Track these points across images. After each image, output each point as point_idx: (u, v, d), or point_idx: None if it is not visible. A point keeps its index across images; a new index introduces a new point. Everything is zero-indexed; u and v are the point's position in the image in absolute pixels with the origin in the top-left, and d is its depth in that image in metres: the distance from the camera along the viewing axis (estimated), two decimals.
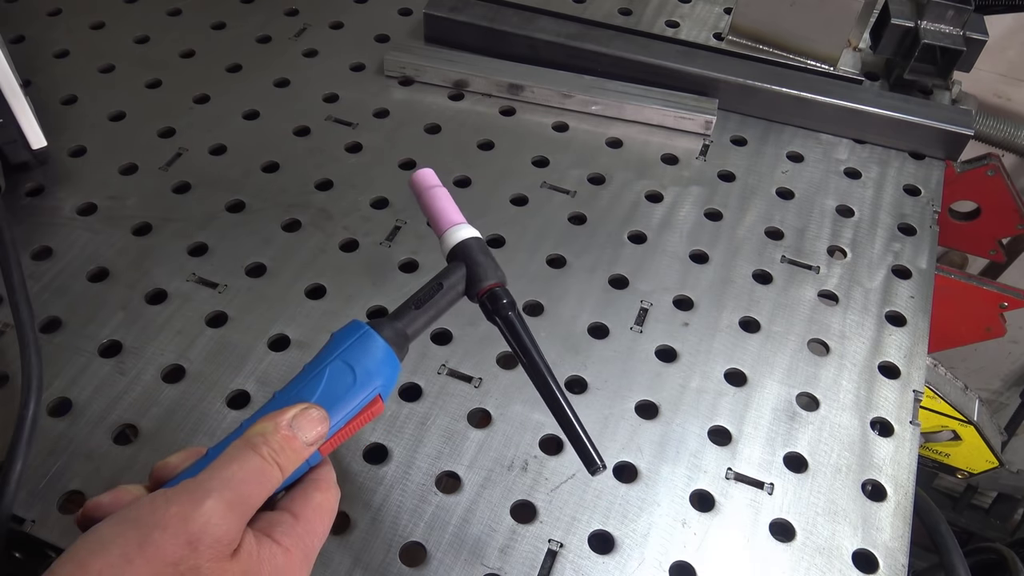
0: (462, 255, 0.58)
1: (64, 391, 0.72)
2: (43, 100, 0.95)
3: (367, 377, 0.51)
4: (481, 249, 0.58)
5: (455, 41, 1.06)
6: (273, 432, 0.48)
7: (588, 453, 0.54)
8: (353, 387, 0.50)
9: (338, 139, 0.96)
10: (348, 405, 0.51)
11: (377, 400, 0.51)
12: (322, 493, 0.50)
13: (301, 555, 0.48)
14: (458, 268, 0.57)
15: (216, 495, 0.44)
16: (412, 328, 0.55)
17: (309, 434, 0.49)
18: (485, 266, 0.57)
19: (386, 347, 0.52)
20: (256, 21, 1.10)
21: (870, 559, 0.67)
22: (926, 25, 1.00)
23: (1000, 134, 1.44)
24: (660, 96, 1.00)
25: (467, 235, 0.59)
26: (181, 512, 0.43)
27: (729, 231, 0.90)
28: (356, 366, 0.51)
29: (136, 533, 0.42)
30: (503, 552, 0.65)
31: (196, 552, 0.42)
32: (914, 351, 0.81)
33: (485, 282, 0.57)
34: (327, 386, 0.50)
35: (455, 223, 0.60)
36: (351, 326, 0.53)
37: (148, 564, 0.41)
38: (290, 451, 0.48)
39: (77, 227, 0.85)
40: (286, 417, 0.49)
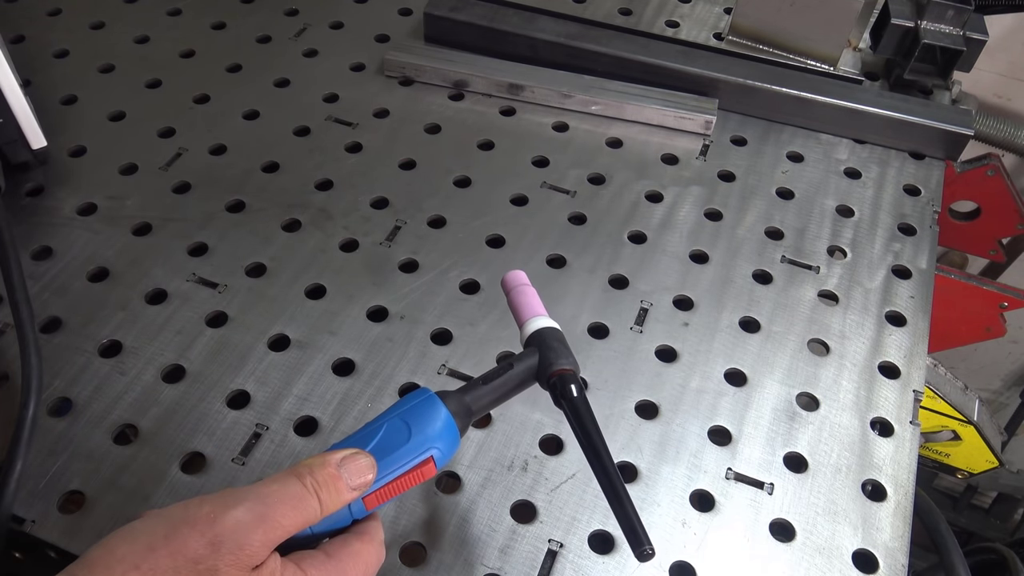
0: (537, 341, 0.58)
1: (64, 391, 0.72)
2: (43, 100, 0.95)
3: (422, 438, 0.51)
4: (556, 337, 0.59)
5: (455, 41, 1.06)
6: (320, 467, 0.48)
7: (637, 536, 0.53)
8: (406, 444, 0.51)
9: (338, 139, 0.96)
10: (398, 461, 0.51)
11: (429, 461, 0.52)
12: (362, 543, 0.50)
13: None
14: (531, 352, 0.58)
15: (248, 505, 0.45)
16: (477, 403, 0.56)
17: (355, 479, 0.49)
18: (557, 351, 0.57)
19: (447, 415, 0.53)
20: (256, 21, 1.10)
21: (870, 559, 0.67)
22: (926, 25, 1.00)
23: (1000, 134, 1.44)
24: (660, 96, 1.00)
25: (545, 324, 0.59)
26: (211, 513, 0.44)
27: (729, 231, 0.90)
28: (413, 425, 0.52)
29: (165, 526, 0.43)
30: (503, 552, 0.65)
31: (217, 553, 0.43)
32: (914, 351, 0.81)
33: (555, 366, 0.57)
34: (382, 439, 0.51)
35: (536, 314, 0.60)
36: (418, 390, 0.54)
37: (170, 556, 0.42)
38: (333, 489, 0.48)
39: (77, 227, 0.85)
40: (335, 457, 0.49)
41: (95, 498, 0.66)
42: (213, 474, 0.68)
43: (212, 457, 0.69)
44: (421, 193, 0.91)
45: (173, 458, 0.68)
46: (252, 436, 0.70)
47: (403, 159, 0.94)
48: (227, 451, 0.69)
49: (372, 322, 0.79)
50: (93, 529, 0.64)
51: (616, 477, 0.54)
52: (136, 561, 0.42)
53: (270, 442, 0.70)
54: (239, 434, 0.70)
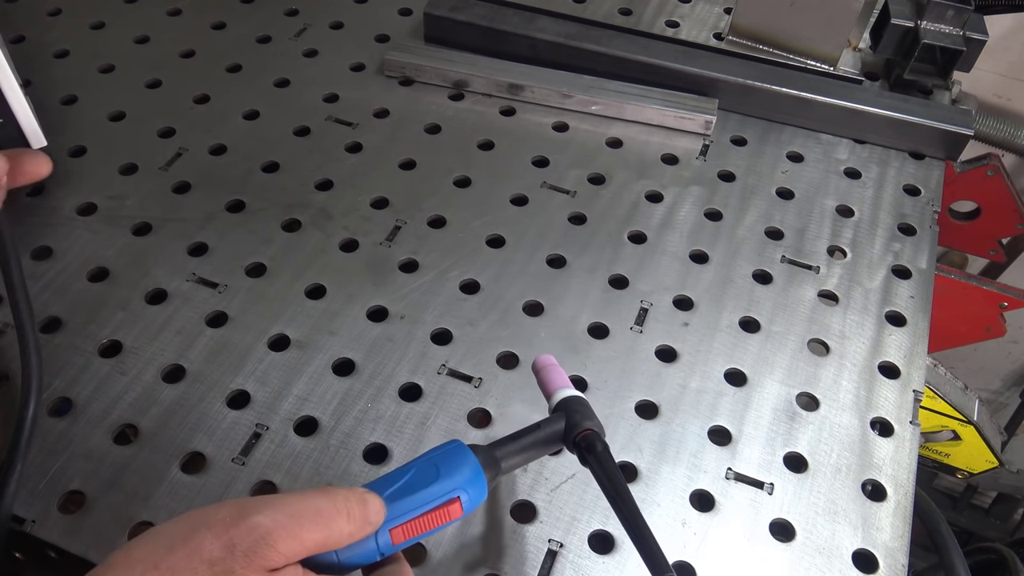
0: (563, 407, 0.61)
1: (64, 391, 0.72)
2: (43, 100, 0.95)
3: (449, 481, 0.53)
4: (581, 403, 0.61)
5: (455, 41, 1.06)
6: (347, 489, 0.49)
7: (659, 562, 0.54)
8: (435, 484, 0.53)
9: (338, 139, 0.96)
10: (425, 498, 0.52)
11: (455, 502, 0.53)
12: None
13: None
14: (559, 417, 0.61)
15: (269, 512, 0.45)
16: (505, 458, 0.58)
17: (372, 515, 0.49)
18: (583, 414, 0.60)
19: (475, 462, 0.54)
20: (256, 21, 1.10)
21: (870, 559, 0.67)
22: (926, 25, 1.00)
23: (1000, 134, 1.44)
24: (660, 96, 1.00)
25: (571, 394, 0.62)
26: (230, 516, 0.44)
27: (729, 231, 0.90)
28: (442, 468, 0.54)
29: (185, 528, 0.44)
30: (503, 552, 0.65)
31: (232, 555, 0.43)
32: (914, 351, 0.81)
33: (581, 427, 0.59)
34: (410, 479, 0.53)
35: (564, 386, 0.63)
36: (449, 441, 0.56)
37: (187, 557, 0.43)
38: (360, 510, 0.48)
39: (77, 227, 0.85)
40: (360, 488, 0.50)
41: (95, 498, 0.66)
42: (213, 474, 0.68)
43: (212, 457, 0.69)
44: (421, 193, 0.91)
45: (173, 458, 0.68)
46: (252, 436, 0.70)
47: (403, 159, 0.94)
48: (227, 451, 0.69)
49: (372, 322, 0.79)
50: (93, 529, 0.64)
51: (648, 531, 0.56)
52: (155, 561, 0.43)
53: (270, 442, 0.70)
54: (239, 434, 0.70)
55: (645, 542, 0.55)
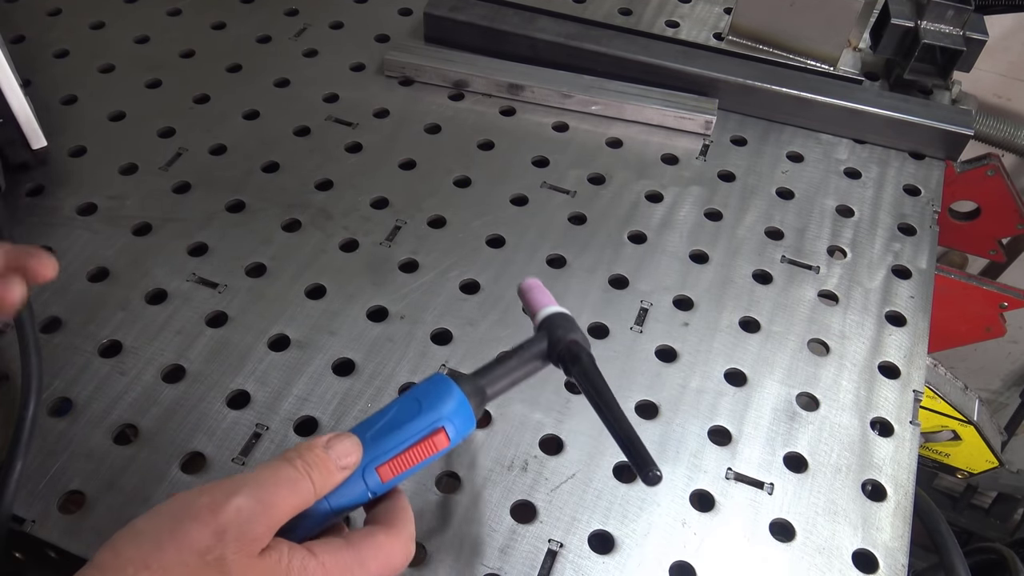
0: (547, 324, 0.60)
1: (64, 391, 0.72)
2: (43, 100, 0.95)
3: (432, 412, 0.52)
4: (565, 319, 0.60)
5: (455, 41, 1.06)
6: (307, 450, 0.49)
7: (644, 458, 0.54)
8: (416, 418, 0.52)
9: (338, 139, 0.96)
10: (408, 432, 0.52)
11: (440, 433, 0.52)
12: (387, 537, 0.50)
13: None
14: (542, 335, 0.60)
15: (246, 491, 0.45)
16: (491, 385, 0.57)
17: (341, 457, 0.50)
18: (566, 328, 0.59)
19: (458, 392, 0.54)
20: (256, 21, 1.10)
21: (870, 559, 0.67)
22: (926, 25, 1.00)
23: (1000, 134, 1.44)
24: (660, 96, 1.00)
25: (554, 311, 0.61)
26: (212, 503, 0.44)
27: (729, 231, 0.90)
28: (424, 402, 0.53)
29: (169, 522, 0.44)
30: (503, 552, 0.65)
31: (222, 542, 0.44)
32: (914, 351, 0.81)
33: (564, 341, 0.59)
34: (392, 417, 0.53)
35: (547, 304, 0.62)
36: (432, 376, 0.55)
37: (177, 551, 0.43)
38: (323, 469, 0.49)
39: (77, 227, 0.85)
40: (321, 440, 0.50)
41: (95, 498, 0.66)
42: (213, 474, 0.68)
43: (212, 457, 0.69)
44: (421, 193, 0.91)
45: (173, 458, 0.68)
46: (252, 436, 0.70)
47: (403, 159, 0.94)
48: (227, 451, 0.69)
49: (372, 322, 0.79)
50: (93, 529, 0.64)
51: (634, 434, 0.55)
52: (145, 560, 0.42)
53: (270, 442, 0.70)
54: (239, 434, 0.70)
55: (632, 444, 0.55)
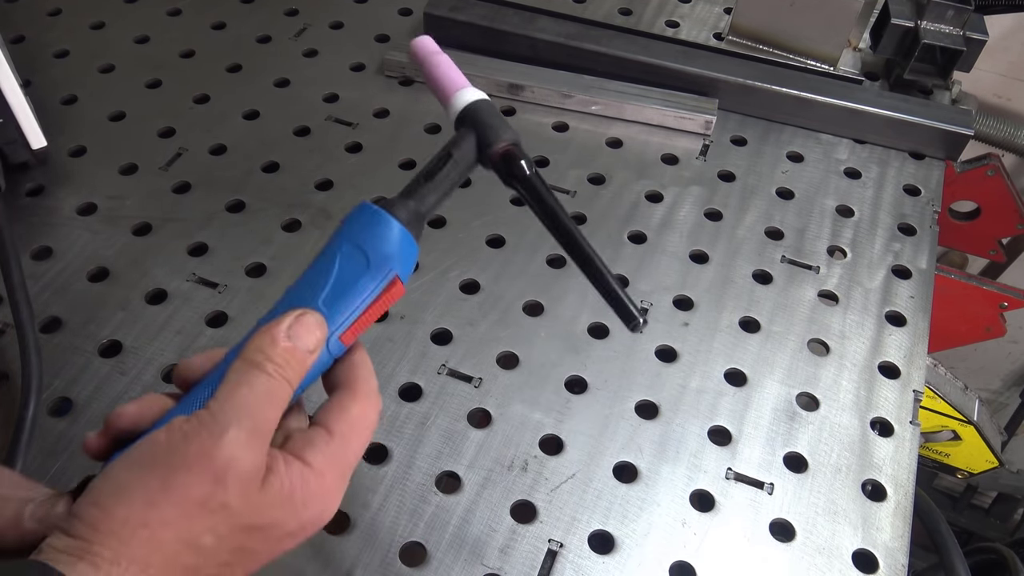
0: (470, 120, 0.53)
1: (64, 391, 0.72)
2: (43, 100, 0.95)
3: (382, 261, 0.48)
4: (490, 111, 0.54)
5: (455, 41, 1.06)
6: (272, 346, 0.45)
7: (626, 308, 0.52)
8: (367, 272, 0.47)
9: (338, 139, 0.96)
10: (364, 291, 0.47)
11: (396, 282, 0.48)
12: (359, 405, 0.47)
13: (335, 476, 0.45)
14: (468, 134, 0.53)
15: (235, 426, 0.41)
16: (425, 205, 0.51)
17: (308, 341, 0.46)
18: (496, 127, 0.53)
19: (400, 228, 0.49)
20: (256, 21, 1.10)
21: (870, 559, 0.67)
22: (926, 25, 1.00)
23: (1000, 134, 1.44)
24: (660, 96, 1.00)
25: (474, 97, 0.54)
26: (202, 449, 0.41)
27: (729, 231, 0.90)
28: (369, 250, 0.48)
29: (157, 476, 0.40)
30: (503, 552, 0.65)
31: (224, 488, 0.40)
32: (914, 351, 0.81)
33: (497, 144, 0.52)
34: (339, 274, 0.47)
35: (460, 87, 0.55)
36: (360, 209, 0.50)
37: (175, 506, 0.40)
38: (294, 362, 0.45)
39: (77, 227, 0.85)
40: (282, 328, 0.46)
41: None
42: None
43: None
44: None
45: None
46: None
47: (403, 159, 0.94)
48: None
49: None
50: None
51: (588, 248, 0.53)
52: (142, 519, 0.39)
53: None
54: None
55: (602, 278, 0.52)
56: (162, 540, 0.39)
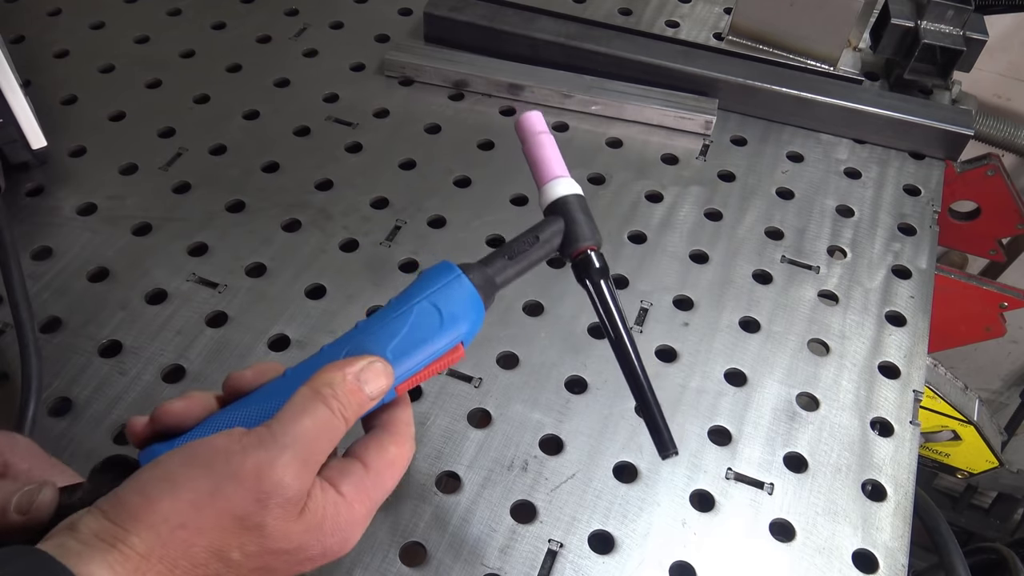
0: (561, 211, 0.55)
1: (64, 391, 0.72)
2: (43, 100, 0.95)
3: (453, 322, 0.49)
4: (581, 207, 0.56)
5: (455, 41, 1.06)
6: (341, 384, 0.46)
7: (661, 435, 0.53)
8: (439, 331, 0.49)
9: (338, 139, 0.96)
10: (430, 348, 0.49)
11: (459, 348, 0.50)
12: (398, 447, 0.49)
13: (364, 509, 0.46)
14: (555, 222, 0.55)
15: (291, 452, 0.42)
16: (502, 278, 0.54)
17: (374, 389, 0.47)
18: (583, 225, 0.55)
19: (475, 294, 0.51)
20: (256, 21, 1.10)
21: (870, 559, 0.67)
22: (926, 25, 1.00)
23: (1000, 134, 1.44)
24: (660, 96, 1.00)
25: (569, 191, 0.56)
26: (256, 467, 0.41)
27: (729, 231, 0.90)
28: (444, 310, 0.50)
29: (208, 481, 0.41)
30: (503, 552, 0.65)
31: (264, 509, 0.41)
32: (914, 351, 0.81)
33: (581, 243, 0.55)
34: (412, 326, 0.49)
35: (557, 175, 0.57)
36: (442, 267, 0.52)
37: (216, 516, 0.40)
38: (356, 404, 0.47)
39: (77, 227, 0.85)
40: (354, 370, 0.47)
41: None
42: None
43: None
44: (421, 193, 0.91)
45: None
46: None
47: (403, 159, 0.94)
48: None
49: None
50: None
51: (640, 368, 0.53)
52: (182, 519, 0.40)
53: None
54: None
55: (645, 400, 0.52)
56: (194, 545, 0.40)
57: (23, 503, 0.43)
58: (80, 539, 0.39)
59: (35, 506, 0.43)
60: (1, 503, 0.43)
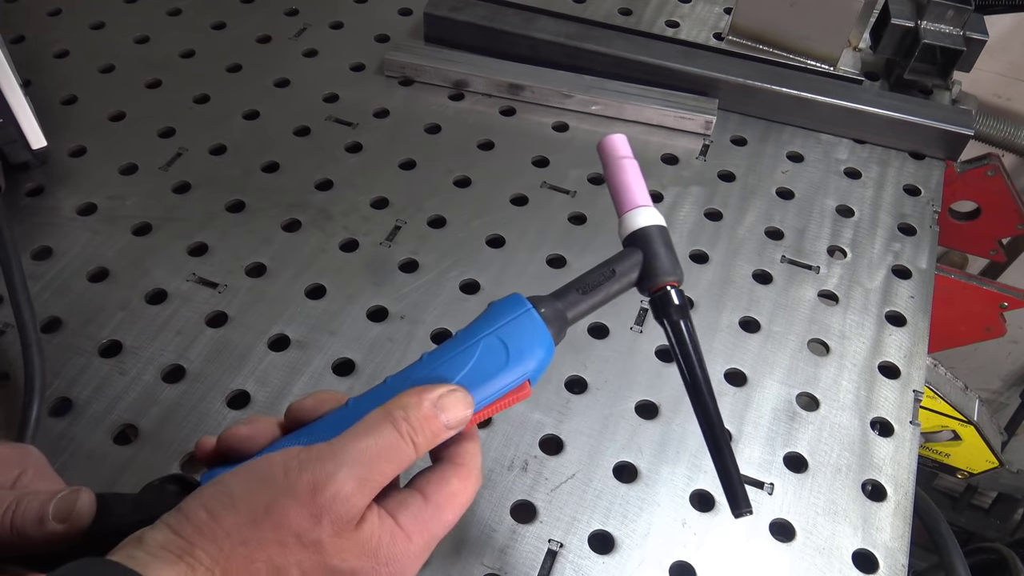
0: (641, 243, 0.53)
1: (64, 391, 0.72)
2: (43, 100, 0.95)
3: (520, 359, 0.48)
4: (663, 239, 0.53)
5: (455, 41, 1.06)
6: (415, 408, 0.45)
7: (737, 494, 0.50)
8: (505, 367, 0.48)
9: (338, 139, 0.96)
10: (495, 385, 0.48)
11: (525, 385, 0.48)
12: (461, 481, 0.48)
13: (422, 543, 0.45)
14: (633, 255, 0.53)
15: (348, 469, 0.42)
16: (573, 313, 0.51)
17: (452, 418, 0.46)
18: (664, 259, 0.52)
19: (545, 331, 0.49)
20: (256, 21, 1.10)
21: (870, 559, 0.67)
22: (926, 25, 1.00)
23: (1000, 134, 1.44)
24: (660, 96, 1.00)
25: (650, 221, 0.53)
26: (312, 481, 0.42)
27: (729, 231, 0.90)
28: (511, 345, 0.48)
29: (265, 496, 0.41)
30: (503, 552, 0.65)
31: (319, 525, 0.41)
32: (914, 351, 0.81)
33: (660, 278, 0.52)
34: (478, 361, 0.48)
35: (639, 205, 0.54)
36: (512, 300, 0.50)
37: (273, 531, 0.41)
38: (429, 432, 0.46)
39: (77, 227, 0.85)
40: (432, 396, 0.46)
41: None
42: None
43: None
44: (421, 193, 0.91)
45: (173, 458, 0.68)
46: None
47: (403, 159, 0.94)
48: None
49: (372, 322, 0.79)
50: None
51: (715, 412, 0.51)
52: (244, 536, 0.40)
53: None
54: None
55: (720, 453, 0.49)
56: (254, 560, 0.40)
57: (62, 511, 0.43)
58: (148, 551, 0.39)
59: (74, 514, 0.43)
60: (38, 512, 0.43)
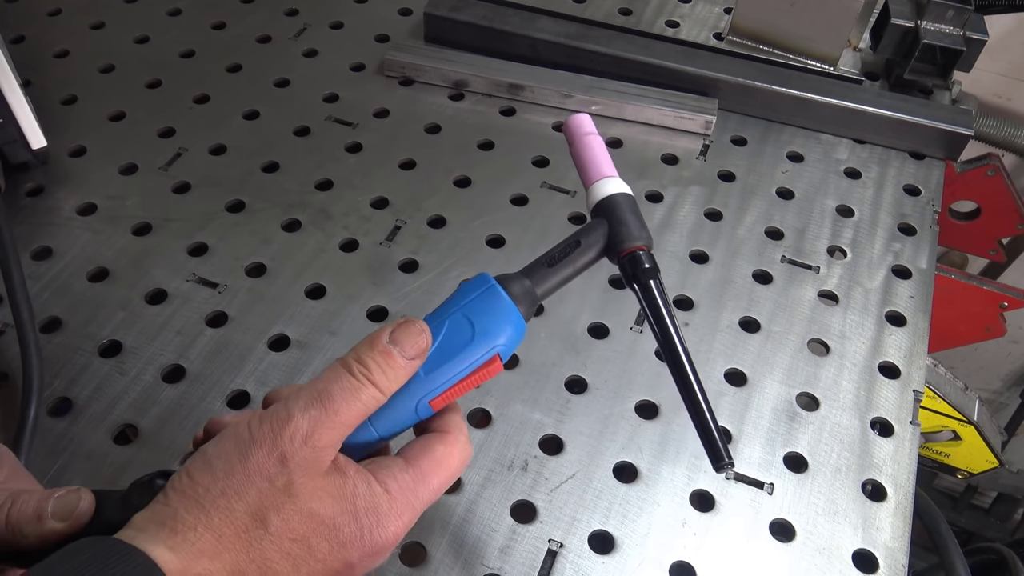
0: (606, 211, 0.52)
1: (64, 391, 0.72)
2: (43, 100, 0.95)
3: (486, 335, 0.48)
4: (630, 206, 0.53)
5: (455, 41, 1.06)
6: (367, 349, 0.46)
7: (716, 446, 0.50)
8: (471, 343, 0.48)
9: (338, 139, 0.96)
10: (463, 362, 0.48)
11: (495, 360, 0.48)
12: (446, 447, 0.48)
13: (404, 502, 0.46)
14: (600, 225, 0.52)
15: (301, 411, 0.44)
16: (542, 287, 0.51)
17: (409, 348, 0.47)
18: (630, 225, 0.52)
19: (511, 305, 0.49)
20: (256, 21, 1.10)
21: (870, 559, 0.67)
22: (926, 25, 1.00)
23: (1000, 134, 1.44)
24: (660, 96, 1.00)
25: (616, 190, 0.53)
26: (272, 429, 0.44)
27: (729, 231, 0.90)
28: (476, 322, 0.48)
29: (236, 450, 0.44)
30: (503, 552, 0.65)
31: (287, 468, 0.43)
32: (914, 351, 0.81)
33: (628, 244, 0.52)
34: (444, 339, 0.48)
35: (604, 176, 0.54)
36: (478, 279, 0.50)
37: (247, 478, 0.43)
38: (388, 367, 0.46)
39: (77, 227, 0.85)
40: (384, 334, 0.47)
41: None
42: None
43: None
44: (421, 193, 0.91)
45: (173, 458, 0.68)
46: None
47: (403, 159, 0.94)
48: None
49: (372, 322, 0.79)
50: None
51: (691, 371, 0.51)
52: (221, 488, 0.43)
53: None
54: None
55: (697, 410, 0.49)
56: (234, 510, 0.42)
57: (62, 510, 0.45)
58: (137, 527, 0.42)
59: (77, 513, 0.45)
60: (36, 510, 0.45)
